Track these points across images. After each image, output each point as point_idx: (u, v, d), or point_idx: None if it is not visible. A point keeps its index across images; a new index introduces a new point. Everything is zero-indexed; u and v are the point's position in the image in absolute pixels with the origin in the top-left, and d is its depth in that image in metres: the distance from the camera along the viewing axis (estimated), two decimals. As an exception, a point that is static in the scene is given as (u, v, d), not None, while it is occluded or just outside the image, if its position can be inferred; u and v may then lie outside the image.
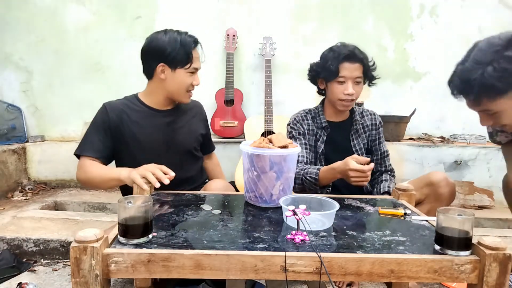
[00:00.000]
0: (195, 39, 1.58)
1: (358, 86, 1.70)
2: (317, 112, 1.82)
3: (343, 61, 1.65)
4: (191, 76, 1.57)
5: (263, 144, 1.26)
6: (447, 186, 1.56)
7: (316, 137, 1.80)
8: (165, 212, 1.16)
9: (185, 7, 2.99)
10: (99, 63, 3.06)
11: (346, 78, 1.67)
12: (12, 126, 3.03)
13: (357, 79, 1.68)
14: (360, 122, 1.82)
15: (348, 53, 1.65)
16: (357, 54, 1.67)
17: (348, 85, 1.67)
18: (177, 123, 1.68)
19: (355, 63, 1.66)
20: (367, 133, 1.83)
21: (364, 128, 1.83)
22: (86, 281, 0.82)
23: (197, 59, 1.59)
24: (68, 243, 1.93)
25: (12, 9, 2.99)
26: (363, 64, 1.68)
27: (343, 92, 1.67)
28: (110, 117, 1.57)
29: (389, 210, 1.22)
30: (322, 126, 1.79)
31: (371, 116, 1.85)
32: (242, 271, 0.87)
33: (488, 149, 2.78)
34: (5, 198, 2.69)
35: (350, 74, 1.66)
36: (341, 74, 1.66)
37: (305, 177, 1.62)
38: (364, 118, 1.84)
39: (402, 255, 0.89)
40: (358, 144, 1.80)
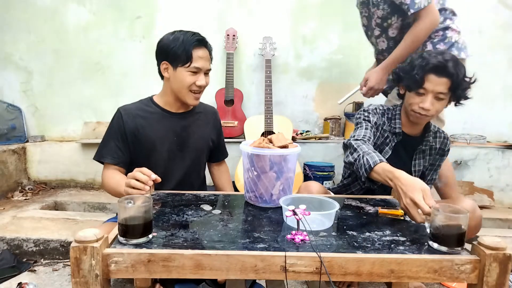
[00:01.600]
0: (199, 39, 1.55)
1: (439, 102, 1.52)
2: (394, 115, 1.66)
3: (430, 72, 1.47)
4: (192, 76, 1.54)
5: (263, 144, 1.26)
6: (473, 218, 1.43)
7: (385, 140, 1.65)
8: (165, 212, 1.16)
9: (185, 7, 2.99)
10: (99, 63, 3.06)
11: (427, 91, 1.49)
12: (12, 126, 3.03)
13: (439, 95, 1.50)
14: (431, 143, 1.67)
15: (438, 64, 1.46)
16: (449, 68, 1.46)
17: (427, 98, 1.50)
18: (191, 127, 1.68)
19: (442, 77, 1.47)
20: (432, 156, 1.69)
21: (431, 149, 1.68)
22: (86, 281, 0.82)
23: (201, 59, 1.54)
24: (68, 243, 1.93)
25: (12, 9, 2.99)
26: (452, 80, 1.48)
27: (419, 105, 1.51)
28: (125, 121, 1.57)
29: (389, 210, 1.22)
30: (395, 131, 1.64)
31: (443, 140, 1.70)
32: (242, 271, 0.87)
33: (488, 149, 2.78)
34: (5, 198, 2.69)
35: (433, 88, 1.48)
36: (423, 86, 1.49)
37: (364, 156, 1.36)
38: (436, 139, 1.68)
39: (402, 255, 0.89)
40: (418, 165, 1.67)
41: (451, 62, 1.47)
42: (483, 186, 2.78)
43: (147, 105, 1.64)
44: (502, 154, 2.77)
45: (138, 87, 2.99)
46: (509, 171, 2.78)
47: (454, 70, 1.47)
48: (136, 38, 3.01)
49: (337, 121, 3.01)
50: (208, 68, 1.59)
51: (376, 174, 1.29)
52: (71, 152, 2.98)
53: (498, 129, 3.02)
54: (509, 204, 2.80)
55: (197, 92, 1.59)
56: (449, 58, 1.48)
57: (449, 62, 1.46)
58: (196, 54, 1.53)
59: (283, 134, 1.36)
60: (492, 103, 3.00)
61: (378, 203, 1.32)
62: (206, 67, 1.57)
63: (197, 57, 1.53)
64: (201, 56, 1.54)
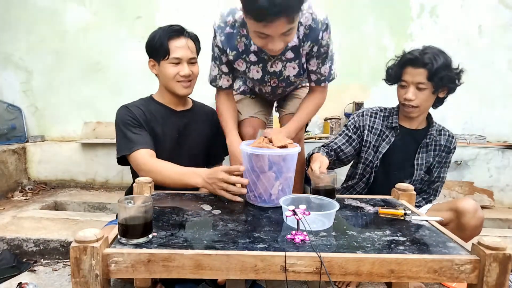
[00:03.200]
0: (174, 29, 1.56)
1: (421, 92, 1.61)
2: (392, 112, 1.78)
3: (406, 65, 1.62)
4: (175, 67, 1.56)
5: (263, 144, 1.26)
6: (474, 218, 1.45)
7: (381, 137, 1.75)
8: (165, 212, 1.16)
9: (185, 7, 2.99)
10: (99, 63, 3.06)
11: (408, 83, 1.63)
12: (12, 126, 3.03)
13: (419, 85, 1.60)
14: (435, 138, 1.74)
15: (413, 57, 1.60)
16: (422, 59, 1.57)
17: (408, 90, 1.62)
18: (191, 125, 1.70)
19: (418, 68, 1.59)
20: (437, 152, 1.74)
21: (436, 146, 1.74)
22: (86, 281, 0.82)
23: (180, 49, 1.54)
24: (68, 243, 1.93)
25: (12, 9, 2.99)
26: (428, 70, 1.57)
27: (404, 96, 1.64)
28: (134, 113, 1.57)
29: (389, 210, 1.22)
30: (392, 126, 1.74)
31: (448, 137, 1.76)
32: (242, 271, 0.87)
33: (488, 149, 2.78)
34: (5, 198, 2.69)
35: (412, 79, 1.61)
36: (403, 78, 1.64)
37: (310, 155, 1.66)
38: (440, 136, 1.75)
39: (402, 255, 0.89)
40: (422, 159, 1.73)
41: (429, 54, 1.58)
42: (483, 186, 2.78)
43: (149, 103, 1.65)
44: (502, 154, 2.77)
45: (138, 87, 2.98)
46: (509, 171, 2.78)
47: (429, 60, 1.56)
48: (136, 38, 3.00)
49: (337, 121, 3.01)
50: (190, 57, 1.57)
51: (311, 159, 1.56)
52: (71, 152, 2.98)
53: (498, 129, 3.02)
54: (509, 204, 2.80)
55: (185, 81, 1.59)
56: (427, 51, 1.59)
57: (425, 54, 1.58)
58: (173, 45, 1.54)
59: (283, 134, 1.36)
60: (492, 103, 3.01)
61: (378, 203, 1.32)
62: (187, 56, 1.56)
63: (174, 48, 1.54)
64: (179, 46, 1.55)
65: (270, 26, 1.22)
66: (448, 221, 1.50)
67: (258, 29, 1.26)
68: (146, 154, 1.48)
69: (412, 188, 1.37)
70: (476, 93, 3.00)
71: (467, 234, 1.45)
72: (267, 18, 1.18)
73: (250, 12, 1.22)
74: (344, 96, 3.06)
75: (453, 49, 2.92)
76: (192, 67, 1.60)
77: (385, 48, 3.03)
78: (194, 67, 1.61)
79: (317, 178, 1.19)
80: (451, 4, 2.97)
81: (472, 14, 2.95)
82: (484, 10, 2.94)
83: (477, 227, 1.47)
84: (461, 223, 1.45)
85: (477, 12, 2.94)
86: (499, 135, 3.02)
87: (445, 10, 2.97)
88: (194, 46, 1.61)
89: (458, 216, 1.47)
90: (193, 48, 1.61)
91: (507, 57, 2.96)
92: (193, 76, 1.61)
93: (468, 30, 2.96)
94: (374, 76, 3.05)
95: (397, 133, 1.73)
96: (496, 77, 2.99)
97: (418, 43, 2.97)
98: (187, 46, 1.56)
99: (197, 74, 1.64)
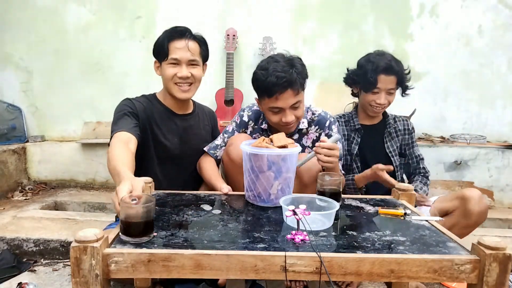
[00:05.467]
0: (177, 30, 1.56)
1: (390, 96, 1.79)
2: (350, 116, 1.92)
3: (380, 73, 1.73)
4: (173, 68, 1.55)
5: (263, 143, 1.26)
6: (478, 204, 1.50)
7: (350, 140, 1.89)
8: (165, 212, 1.16)
9: (185, 7, 2.99)
10: (99, 63, 3.06)
11: (380, 90, 1.76)
12: (12, 126, 3.03)
13: (390, 90, 1.77)
14: (393, 125, 1.91)
15: (386, 66, 1.73)
16: (394, 67, 1.73)
17: (381, 95, 1.76)
18: (193, 129, 1.69)
19: (390, 76, 1.74)
20: (400, 137, 1.91)
21: (397, 132, 1.92)
22: (86, 281, 0.82)
23: (179, 50, 1.54)
24: (68, 243, 1.93)
25: (12, 9, 2.99)
26: (397, 77, 1.76)
27: (376, 101, 1.77)
28: (136, 106, 1.56)
29: (389, 210, 1.22)
30: (356, 128, 1.88)
31: (403, 121, 1.94)
32: (242, 271, 0.87)
33: (488, 149, 2.78)
34: (5, 198, 2.69)
35: (385, 86, 1.75)
36: (377, 85, 1.75)
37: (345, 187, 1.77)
38: (397, 123, 1.93)
39: (402, 255, 0.89)
40: (391, 146, 1.89)
41: (394, 61, 1.75)
42: (483, 186, 2.78)
43: (152, 102, 1.64)
44: (502, 154, 2.77)
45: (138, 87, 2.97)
46: (509, 171, 2.78)
47: (398, 68, 1.75)
48: (136, 38, 3.00)
49: (337, 121, 3.01)
50: (190, 59, 1.55)
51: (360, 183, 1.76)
52: (71, 152, 2.98)
53: (498, 129, 3.02)
54: (509, 204, 2.80)
55: (182, 84, 1.57)
56: (390, 58, 1.77)
57: (392, 62, 1.75)
58: (173, 46, 1.54)
59: (283, 134, 1.36)
60: (492, 103, 3.00)
61: (378, 203, 1.32)
62: (186, 57, 1.54)
63: (173, 49, 1.54)
64: (179, 47, 1.54)
65: (280, 98, 1.47)
66: (454, 208, 1.56)
67: (271, 104, 1.50)
68: (119, 136, 1.39)
69: (412, 188, 1.38)
70: (476, 93, 3.00)
71: (472, 220, 1.51)
72: (277, 91, 1.45)
73: (263, 89, 1.49)
74: (344, 96, 3.05)
75: (453, 49, 2.97)
76: (192, 69, 1.57)
77: (385, 48, 2.99)
78: (194, 69, 1.58)
79: (322, 180, 1.20)
80: (451, 4, 2.97)
81: (472, 14, 2.95)
82: (484, 10, 2.94)
83: (482, 213, 1.51)
84: (467, 210, 1.51)
85: (477, 12, 2.94)
86: (499, 135, 3.02)
87: (445, 10, 2.96)
88: (197, 49, 1.58)
89: (463, 203, 1.53)
90: (196, 50, 1.58)
91: (507, 57, 2.96)
92: (193, 79, 1.58)
93: (468, 30, 2.96)
94: (374, 76, 3.05)
95: (361, 133, 1.88)
96: (496, 77, 2.99)
97: (418, 42, 3.00)
98: (187, 47, 1.54)
99: (198, 78, 1.60)
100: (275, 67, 1.46)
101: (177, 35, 1.55)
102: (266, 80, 1.45)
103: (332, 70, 3.06)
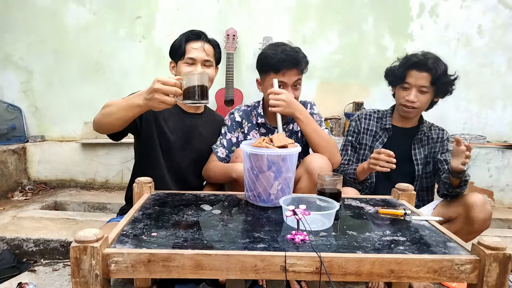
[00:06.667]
0: (193, 32, 1.64)
1: (423, 95, 1.69)
2: (385, 114, 1.86)
3: (411, 68, 1.68)
4: (189, 67, 1.62)
5: (263, 143, 1.26)
6: (482, 212, 1.47)
7: (375, 137, 1.84)
8: (165, 212, 1.16)
9: (185, 7, 2.99)
10: (99, 63, 3.06)
11: (411, 85, 1.69)
12: (12, 126, 3.03)
13: (422, 88, 1.68)
14: (427, 133, 1.80)
15: (417, 61, 1.67)
16: (428, 64, 1.65)
17: (411, 92, 1.69)
18: (198, 129, 1.72)
19: (422, 72, 1.66)
20: (431, 145, 1.80)
21: (429, 140, 1.81)
22: (86, 281, 0.82)
23: (195, 50, 1.61)
24: (68, 243, 1.93)
25: (12, 9, 2.99)
26: (431, 75, 1.65)
27: (405, 98, 1.70)
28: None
29: (389, 210, 1.22)
30: (385, 127, 1.83)
31: (439, 131, 1.82)
32: (242, 271, 0.87)
33: (488, 149, 2.78)
34: (5, 198, 2.69)
35: (415, 82, 1.67)
36: (406, 80, 1.69)
37: (346, 177, 1.72)
38: (431, 131, 1.82)
39: (402, 255, 0.89)
40: (419, 154, 1.79)
41: (431, 59, 1.66)
42: (483, 186, 2.78)
43: None
44: (502, 154, 2.77)
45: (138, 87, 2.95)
46: (509, 171, 2.78)
47: (433, 66, 1.65)
48: (136, 38, 3.00)
49: (337, 121, 3.01)
50: (205, 59, 1.63)
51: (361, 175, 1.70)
52: (71, 152, 2.98)
53: (498, 129, 3.02)
54: (509, 204, 2.80)
55: None
56: (429, 56, 1.68)
57: (428, 59, 1.66)
58: (189, 46, 1.62)
59: (283, 134, 1.36)
60: (492, 103, 3.01)
61: (378, 203, 1.32)
62: (201, 57, 1.62)
63: (190, 49, 1.62)
64: (195, 47, 1.62)
65: (286, 74, 1.60)
66: (456, 215, 1.54)
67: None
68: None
69: (412, 188, 1.38)
70: (476, 93, 3.00)
71: (476, 227, 1.48)
72: (285, 67, 1.59)
73: (271, 65, 1.61)
74: (344, 96, 3.06)
75: (453, 49, 2.97)
76: (207, 69, 1.63)
77: (385, 48, 3.03)
78: (208, 69, 1.64)
79: (322, 180, 1.20)
80: (451, 4, 2.97)
81: (472, 14, 2.95)
82: (484, 10, 2.94)
83: (485, 220, 1.49)
84: (470, 217, 1.48)
85: (477, 12, 2.94)
86: (499, 135, 3.03)
87: (445, 10, 2.97)
88: (211, 50, 1.67)
89: (466, 210, 1.50)
90: (210, 52, 1.66)
91: (507, 57, 2.96)
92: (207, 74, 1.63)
93: (468, 30, 2.96)
94: (374, 76, 3.05)
95: (390, 133, 1.82)
96: (495, 77, 2.99)
97: (418, 43, 3.00)
98: (202, 48, 1.63)
99: (211, 77, 1.65)
100: (284, 48, 1.61)
101: (194, 37, 1.64)
102: (276, 57, 1.58)
103: (332, 70, 3.06)
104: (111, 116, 1.35)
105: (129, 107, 1.30)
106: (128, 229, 1.01)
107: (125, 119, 1.35)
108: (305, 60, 1.65)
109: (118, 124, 1.37)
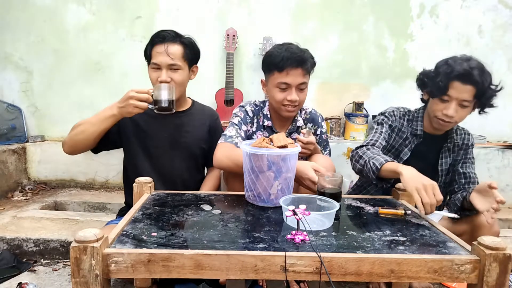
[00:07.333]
0: (159, 35, 1.58)
1: (463, 110, 1.50)
2: (416, 117, 1.67)
3: (454, 79, 1.45)
4: (155, 72, 1.59)
5: (263, 143, 1.26)
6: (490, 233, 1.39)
7: (403, 140, 1.67)
8: (165, 212, 1.16)
9: (185, 7, 2.99)
10: (99, 63, 3.06)
11: (451, 98, 1.48)
12: (12, 126, 3.03)
13: (463, 102, 1.48)
14: (455, 140, 1.67)
15: (463, 72, 1.43)
16: (474, 75, 1.43)
17: (450, 105, 1.48)
18: (185, 126, 1.69)
19: (467, 85, 1.44)
20: (456, 153, 1.68)
21: (455, 147, 1.68)
22: (86, 281, 0.82)
23: (159, 55, 1.55)
24: (68, 243, 1.93)
25: (12, 9, 2.99)
26: (477, 88, 1.45)
27: (443, 111, 1.50)
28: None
29: (389, 210, 1.22)
30: (416, 133, 1.65)
31: (465, 135, 1.70)
32: (242, 271, 0.87)
33: (488, 149, 2.78)
34: (5, 198, 2.69)
35: (457, 95, 1.46)
36: (448, 93, 1.47)
37: (370, 161, 1.44)
38: (457, 136, 1.68)
39: (402, 255, 0.89)
40: (445, 164, 1.67)
41: (477, 70, 1.44)
42: (483, 186, 2.78)
43: None
44: (502, 154, 2.77)
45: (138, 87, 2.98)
46: (509, 171, 2.77)
47: (479, 78, 1.44)
48: (136, 38, 3.00)
49: (337, 121, 3.01)
50: (169, 63, 1.55)
51: (384, 173, 1.39)
52: (71, 152, 2.98)
53: (498, 129, 3.02)
54: (509, 204, 2.80)
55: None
56: (474, 65, 1.45)
57: (474, 70, 1.43)
58: (154, 51, 1.58)
59: (283, 134, 1.36)
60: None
61: (378, 203, 1.32)
62: (165, 62, 1.55)
63: (155, 53, 1.58)
64: (159, 52, 1.56)
65: (290, 74, 1.53)
66: (461, 232, 1.48)
67: (280, 79, 1.54)
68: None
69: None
70: (476, 93, 3.00)
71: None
72: (289, 66, 1.52)
73: (275, 63, 1.53)
74: (344, 96, 3.06)
75: (453, 49, 2.97)
76: (173, 74, 1.57)
77: (385, 48, 3.03)
78: (174, 74, 1.57)
79: (323, 181, 1.19)
80: (451, 4, 2.97)
81: (472, 14, 2.95)
82: (484, 10, 2.94)
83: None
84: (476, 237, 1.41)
85: (477, 12, 2.94)
86: (499, 135, 3.02)
87: (445, 10, 2.97)
88: (178, 53, 1.57)
89: (473, 230, 1.47)
90: (176, 54, 1.56)
91: (507, 57, 2.96)
92: (174, 83, 1.57)
93: (468, 30, 2.96)
94: (374, 76, 3.05)
95: (419, 140, 1.66)
96: (496, 77, 2.98)
97: (418, 42, 3.00)
98: (165, 52, 1.55)
99: (179, 82, 1.59)
100: (289, 47, 1.56)
101: (159, 40, 1.57)
102: (281, 55, 1.52)
103: (332, 70, 3.06)
104: (84, 133, 1.49)
105: (102, 119, 1.46)
106: (128, 229, 1.01)
107: (99, 131, 1.48)
108: (312, 60, 1.57)
109: (93, 138, 1.50)
